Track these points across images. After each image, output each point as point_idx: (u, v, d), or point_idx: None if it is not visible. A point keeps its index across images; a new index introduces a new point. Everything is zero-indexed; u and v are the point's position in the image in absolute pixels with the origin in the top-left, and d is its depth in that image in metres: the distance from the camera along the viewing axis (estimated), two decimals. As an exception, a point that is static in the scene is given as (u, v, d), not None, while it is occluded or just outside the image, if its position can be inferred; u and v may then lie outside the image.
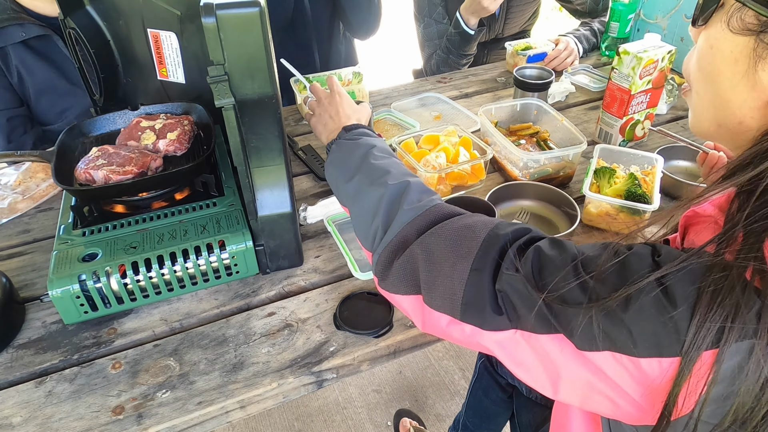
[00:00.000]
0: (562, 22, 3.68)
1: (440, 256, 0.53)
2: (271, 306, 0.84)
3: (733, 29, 0.43)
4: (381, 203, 0.61)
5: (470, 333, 0.50)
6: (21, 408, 0.70)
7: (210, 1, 0.65)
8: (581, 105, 1.40)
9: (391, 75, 2.74)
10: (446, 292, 0.52)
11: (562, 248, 0.48)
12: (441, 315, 0.53)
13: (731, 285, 0.38)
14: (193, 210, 0.88)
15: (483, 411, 1.31)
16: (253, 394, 0.71)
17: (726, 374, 0.38)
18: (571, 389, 0.46)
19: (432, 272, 0.53)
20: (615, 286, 0.42)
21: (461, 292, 0.50)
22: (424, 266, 0.54)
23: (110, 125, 1.04)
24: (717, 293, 0.38)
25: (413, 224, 0.57)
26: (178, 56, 0.99)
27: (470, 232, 0.52)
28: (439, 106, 1.40)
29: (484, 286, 0.49)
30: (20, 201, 1.05)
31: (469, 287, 0.50)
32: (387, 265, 0.58)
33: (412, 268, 0.55)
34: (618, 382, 0.42)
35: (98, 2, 1.00)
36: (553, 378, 0.46)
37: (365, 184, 0.66)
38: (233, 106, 0.71)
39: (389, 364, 1.86)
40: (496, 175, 1.12)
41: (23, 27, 1.19)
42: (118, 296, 0.79)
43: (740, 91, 0.44)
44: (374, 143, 0.74)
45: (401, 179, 0.64)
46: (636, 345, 0.40)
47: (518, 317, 0.47)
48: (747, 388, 0.37)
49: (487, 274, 0.49)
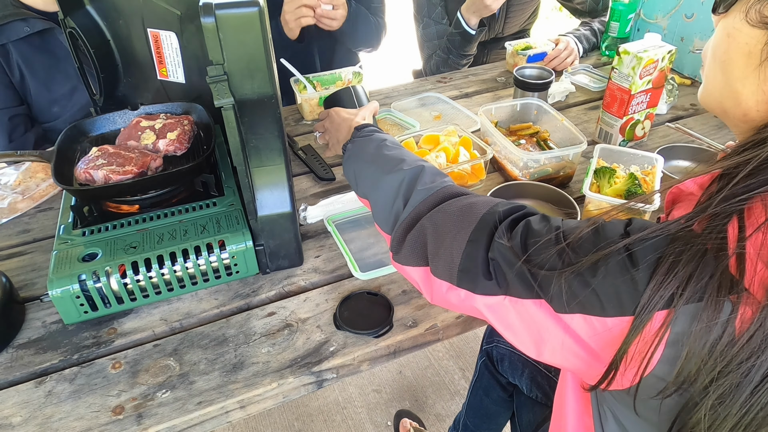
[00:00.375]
0: (562, 21, 3.69)
1: (445, 229, 0.58)
2: (271, 306, 0.84)
3: (750, 21, 0.43)
4: (401, 188, 0.66)
5: (465, 297, 0.55)
6: (21, 408, 0.70)
7: (209, 1, 0.65)
8: (581, 105, 1.40)
9: (391, 75, 2.74)
10: (447, 260, 0.56)
11: (549, 221, 0.52)
12: (442, 282, 0.57)
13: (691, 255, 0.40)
14: (193, 210, 0.88)
15: (484, 410, 1.31)
16: (253, 394, 0.71)
17: (676, 336, 0.41)
18: (552, 351, 0.49)
19: (437, 243, 0.58)
20: (587, 253, 0.45)
21: (458, 260, 0.55)
22: (431, 238, 0.59)
23: (110, 125, 1.04)
24: (676, 260, 0.40)
25: (425, 203, 0.63)
26: (178, 56, 0.99)
27: (472, 209, 0.58)
28: (439, 105, 1.40)
29: (479, 255, 0.53)
30: (20, 201, 1.05)
31: (465, 256, 0.54)
32: (401, 240, 0.63)
33: (422, 242, 0.61)
34: (590, 343, 0.45)
35: (98, 2, 1.00)
36: (537, 340, 0.50)
37: (383, 173, 0.70)
38: (233, 106, 0.71)
39: (389, 364, 1.86)
40: (496, 175, 1.12)
41: (27, 22, 1.19)
42: (118, 296, 0.79)
43: (749, 84, 0.45)
44: (385, 137, 0.79)
45: (416, 164, 0.69)
46: (603, 306, 0.44)
47: (507, 283, 0.51)
48: (692, 349, 0.40)
49: (482, 244, 0.54)
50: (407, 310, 0.82)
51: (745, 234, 0.40)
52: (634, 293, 0.42)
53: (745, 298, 0.39)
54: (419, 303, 0.83)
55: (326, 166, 1.15)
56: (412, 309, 0.82)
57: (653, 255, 0.42)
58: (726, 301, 0.39)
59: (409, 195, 0.65)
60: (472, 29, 1.56)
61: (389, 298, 0.84)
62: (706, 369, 0.39)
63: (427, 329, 0.79)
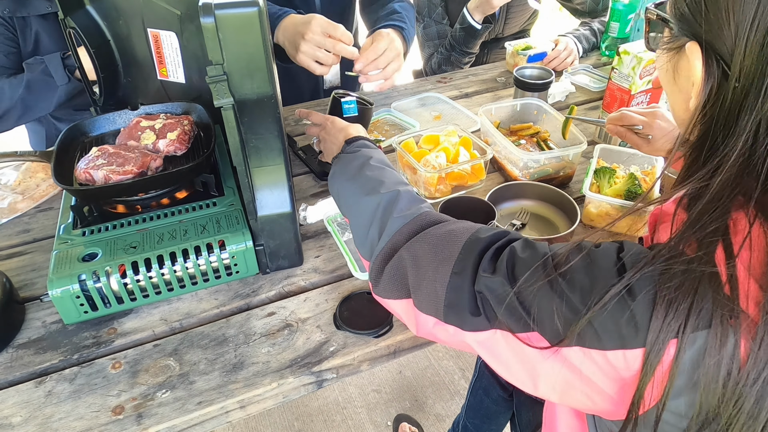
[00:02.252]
0: (562, 22, 3.68)
1: (425, 260, 0.55)
2: (271, 306, 0.84)
3: (661, 47, 0.50)
4: (376, 213, 0.64)
5: (453, 333, 0.53)
6: (21, 408, 0.70)
7: (209, 1, 0.65)
8: (581, 105, 1.40)
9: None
10: (430, 294, 0.54)
11: (535, 248, 0.50)
12: (428, 317, 0.55)
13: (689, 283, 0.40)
14: (193, 210, 0.88)
15: (484, 411, 1.31)
16: (253, 394, 0.71)
17: (686, 365, 0.39)
18: (549, 385, 0.47)
19: (418, 276, 0.56)
20: (581, 284, 0.44)
21: (443, 294, 0.52)
22: (411, 270, 0.57)
23: (110, 125, 1.04)
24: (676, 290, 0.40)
25: (402, 232, 0.60)
26: (178, 56, 0.99)
27: (452, 237, 0.55)
28: (439, 106, 1.40)
29: (464, 289, 0.51)
30: (20, 201, 1.05)
31: (450, 290, 0.52)
32: (379, 271, 0.61)
33: (402, 273, 0.58)
34: (590, 376, 0.44)
35: (98, 2, 1.00)
36: (532, 375, 0.48)
37: (361, 194, 0.68)
38: (232, 106, 0.71)
39: (389, 364, 1.86)
40: (496, 175, 1.12)
41: (51, 1, 1.22)
42: (118, 296, 0.79)
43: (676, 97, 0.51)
44: (371, 155, 0.76)
45: (393, 188, 0.66)
46: (600, 339, 0.42)
47: (496, 317, 0.49)
48: (707, 378, 0.39)
49: (467, 277, 0.51)
50: (407, 310, 0.82)
51: (734, 252, 0.40)
52: (634, 326, 0.41)
53: (744, 319, 0.38)
54: (419, 303, 0.83)
55: (326, 166, 1.15)
56: (412, 309, 0.82)
57: (650, 285, 0.41)
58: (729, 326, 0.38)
59: (385, 222, 0.62)
60: (477, 24, 1.57)
61: (389, 298, 0.83)
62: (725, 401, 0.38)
63: (427, 329, 0.79)
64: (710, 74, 0.44)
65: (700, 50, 0.44)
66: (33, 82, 1.21)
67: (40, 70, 1.21)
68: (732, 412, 0.38)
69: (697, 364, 0.39)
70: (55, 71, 1.21)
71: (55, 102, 1.25)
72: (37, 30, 1.26)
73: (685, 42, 0.46)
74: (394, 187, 0.67)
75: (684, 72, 0.48)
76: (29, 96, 1.22)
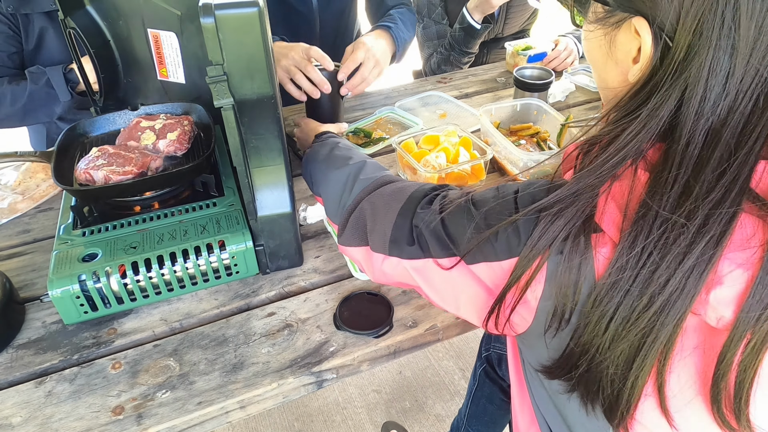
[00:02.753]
0: (562, 22, 3.68)
1: (380, 208, 0.65)
2: (271, 306, 0.84)
3: (590, 21, 0.52)
4: (347, 182, 0.73)
5: (395, 264, 0.61)
6: (21, 408, 0.70)
7: (208, 2, 0.65)
8: (581, 105, 1.40)
9: (391, 75, 2.74)
10: (380, 234, 0.63)
11: (465, 191, 0.58)
12: (378, 254, 0.64)
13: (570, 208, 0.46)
14: (193, 210, 0.88)
15: (488, 417, 1.30)
16: (253, 395, 0.71)
17: (551, 273, 0.47)
18: (466, 303, 0.56)
19: (374, 221, 0.65)
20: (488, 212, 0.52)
21: (389, 232, 0.62)
22: (369, 218, 0.66)
23: (110, 125, 1.04)
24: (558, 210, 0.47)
25: (366, 190, 0.70)
26: (178, 56, 0.99)
27: (403, 190, 0.65)
28: (442, 104, 1.40)
29: (405, 225, 0.60)
30: (20, 201, 1.05)
31: (395, 228, 0.61)
32: (344, 224, 0.70)
33: (362, 223, 0.67)
34: (491, 286, 0.53)
35: (98, 2, 1.00)
36: (456, 295, 0.57)
37: (332, 169, 0.77)
38: (232, 106, 0.71)
39: (389, 364, 1.86)
40: (496, 175, 1.12)
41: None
42: (118, 296, 0.79)
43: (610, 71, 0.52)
44: (338, 141, 0.88)
45: (360, 159, 0.77)
46: (496, 252, 0.51)
47: (428, 247, 0.57)
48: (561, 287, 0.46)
49: (408, 216, 0.61)
50: (407, 311, 0.82)
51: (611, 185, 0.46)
52: (520, 237, 0.49)
53: (601, 237, 0.45)
54: (419, 303, 0.83)
55: None
56: (412, 309, 0.82)
57: (534, 205, 0.48)
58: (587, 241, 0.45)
59: (353, 186, 0.72)
60: (477, 24, 1.57)
61: (389, 298, 0.84)
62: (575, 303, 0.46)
63: (426, 329, 0.79)
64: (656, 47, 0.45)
65: (647, 25, 0.44)
66: (36, 93, 1.20)
67: (43, 82, 1.20)
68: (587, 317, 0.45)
69: (557, 271, 0.46)
70: (58, 86, 1.20)
71: (57, 114, 1.25)
72: (41, 27, 1.26)
73: (623, 17, 0.47)
74: (360, 158, 0.77)
75: (622, 46, 0.49)
76: (31, 106, 1.22)
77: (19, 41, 1.26)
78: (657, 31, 0.44)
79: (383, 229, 0.63)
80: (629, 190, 0.45)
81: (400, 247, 0.60)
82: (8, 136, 1.39)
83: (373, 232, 0.65)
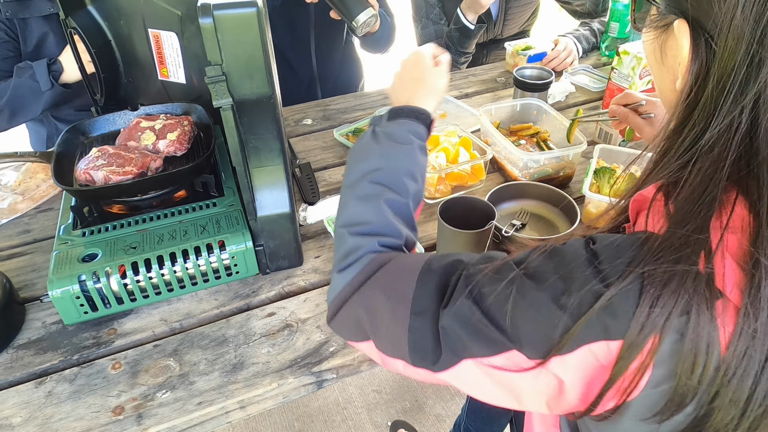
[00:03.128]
0: (562, 22, 3.68)
1: (379, 306, 0.52)
2: (271, 306, 0.84)
3: (648, 26, 0.49)
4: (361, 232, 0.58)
5: (426, 375, 0.50)
6: (21, 408, 0.70)
7: (207, 2, 0.65)
8: (581, 105, 1.40)
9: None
10: (393, 339, 0.51)
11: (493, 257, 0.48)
12: (396, 360, 0.52)
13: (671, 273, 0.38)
14: (193, 210, 0.88)
15: (485, 413, 1.31)
16: (253, 395, 0.71)
17: (665, 355, 0.38)
18: (534, 398, 0.45)
19: (375, 323, 0.52)
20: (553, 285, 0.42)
21: (406, 339, 0.49)
22: (366, 318, 0.53)
23: (110, 125, 1.04)
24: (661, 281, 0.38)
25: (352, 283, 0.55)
26: (178, 56, 0.99)
27: (403, 275, 0.51)
28: (441, 104, 1.40)
29: (427, 328, 0.48)
30: (20, 201, 1.06)
31: (413, 332, 0.49)
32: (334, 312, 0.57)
33: (358, 322, 0.55)
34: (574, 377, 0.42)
35: (99, 2, 1.00)
36: (514, 393, 0.46)
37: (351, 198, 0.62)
38: (231, 106, 0.71)
39: (390, 364, 1.86)
40: (496, 175, 1.12)
41: (52, 2, 1.22)
42: (118, 296, 0.80)
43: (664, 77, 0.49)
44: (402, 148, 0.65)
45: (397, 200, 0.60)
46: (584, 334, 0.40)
47: (465, 347, 0.46)
48: (684, 367, 0.37)
49: (428, 316, 0.48)
50: (407, 311, 0.82)
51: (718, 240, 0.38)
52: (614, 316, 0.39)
53: (724, 304, 0.37)
54: (419, 303, 0.83)
55: (317, 191, 1.09)
56: (411, 309, 0.82)
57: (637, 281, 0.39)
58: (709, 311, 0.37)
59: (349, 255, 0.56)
60: (471, 24, 1.57)
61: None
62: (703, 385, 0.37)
63: (426, 329, 0.79)
64: (698, 54, 0.42)
65: (688, 28, 0.42)
66: (19, 86, 1.21)
67: (27, 75, 1.21)
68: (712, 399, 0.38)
69: (675, 353, 0.38)
70: (41, 76, 1.21)
71: (41, 106, 1.25)
72: (40, 31, 1.26)
73: (672, 20, 0.44)
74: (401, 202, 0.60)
75: (671, 51, 0.46)
76: (16, 100, 1.22)
77: (15, 46, 1.26)
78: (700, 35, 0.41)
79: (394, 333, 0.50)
80: (747, 239, 0.38)
81: (428, 358, 0.48)
82: (8, 136, 1.38)
83: (378, 335, 0.53)
